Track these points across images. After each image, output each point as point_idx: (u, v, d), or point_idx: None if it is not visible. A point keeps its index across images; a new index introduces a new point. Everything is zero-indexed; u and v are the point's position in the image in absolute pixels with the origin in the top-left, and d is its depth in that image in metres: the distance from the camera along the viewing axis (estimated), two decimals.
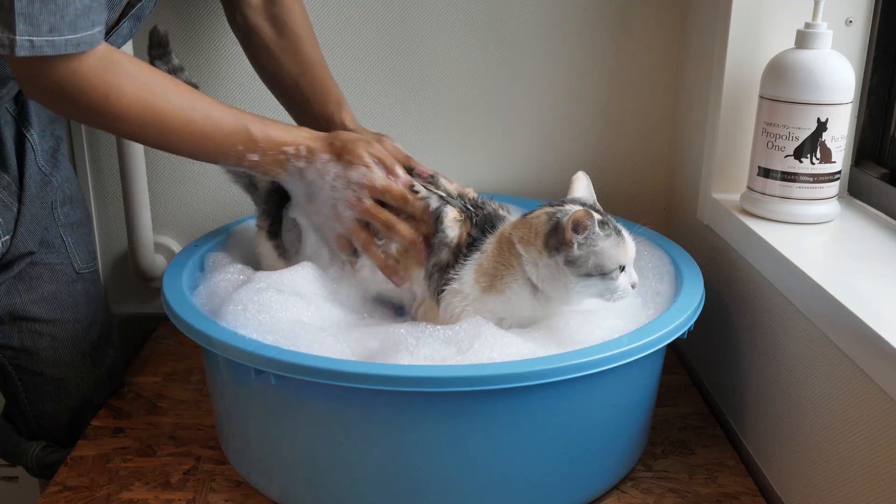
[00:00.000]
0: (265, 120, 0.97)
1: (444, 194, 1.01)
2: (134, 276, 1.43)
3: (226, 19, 1.19)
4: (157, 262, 1.42)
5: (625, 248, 0.92)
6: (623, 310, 0.97)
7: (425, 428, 0.86)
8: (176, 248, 1.43)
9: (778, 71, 1.04)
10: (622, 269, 0.92)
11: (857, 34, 1.11)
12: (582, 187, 0.99)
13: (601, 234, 0.91)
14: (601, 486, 0.98)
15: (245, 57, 1.20)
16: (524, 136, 1.39)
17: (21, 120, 1.07)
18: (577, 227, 0.90)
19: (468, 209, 0.99)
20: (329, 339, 0.90)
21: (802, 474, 0.93)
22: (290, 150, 0.96)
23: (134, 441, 1.09)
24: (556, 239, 0.91)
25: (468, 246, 0.97)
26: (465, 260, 0.96)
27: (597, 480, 0.97)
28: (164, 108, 0.90)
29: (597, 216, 0.91)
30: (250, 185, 1.12)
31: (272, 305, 0.93)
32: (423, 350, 0.88)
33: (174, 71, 1.13)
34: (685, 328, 0.94)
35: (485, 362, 0.86)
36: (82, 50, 0.82)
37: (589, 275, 0.91)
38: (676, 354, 1.31)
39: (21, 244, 1.06)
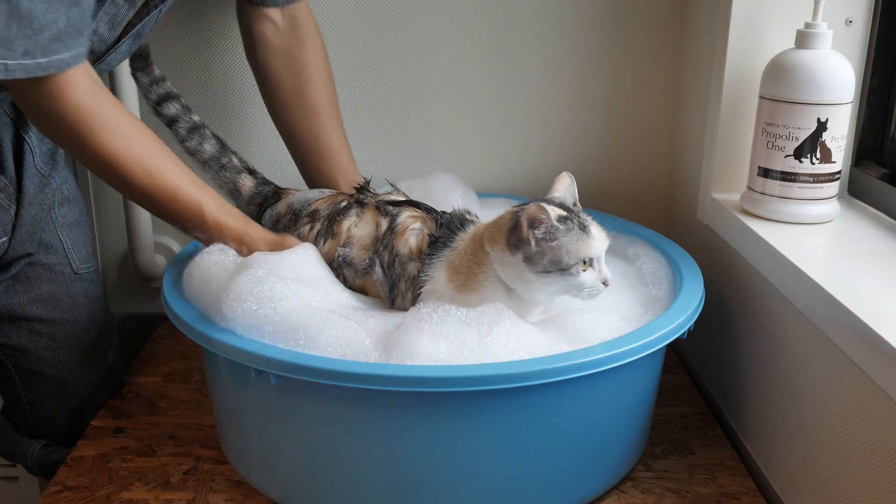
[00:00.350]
0: (223, 205, 0.99)
1: (397, 201, 1.02)
2: (134, 276, 1.43)
3: (225, 42, 1.21)
4: (157, 262, 1.42)
5: (587, 242, 0.90)
6: (639, 304, 0.98)
7: (425, 428, 0.86)
8: (176, 248, 1.43)
9: (778, 71, 1.04)
10: (588, 264, 0.91)
11: (857, 34, 1.11)
12: (563, 187, 0.98)
13: (561, 227, 0.89)
14: (601, 486, 0.98)
15: (242, 82, 1.20)
16: (524, 136, 1.39)
17: (20, 122, 1.07)
18: (533, 222, 0.89)
19: (432, 211, 1.00)
20: (338, 319, 0.89)
21: (802, 474, 0.93)
22: (233, 245, 0.99)
23: (134, 441, 1.09)
24: (516, 236, 0.91)
25: (432, 244, 0.97)
26: (430, 259, 0.96)
27: (597, 480, 0.97)
28: (129, 163, 0.91)
29: (555, 211, 0.90)
30: (234, 191, 1.12)
31: (274, 295, 0.91)
32: (444, 328, 0.87)
33: (156, 82, 1.11)
34: (685, 328, 0.94)
35: (499, 352, 0.86)
36: (50, 73, 0.84)
37: (547, 271, 0.90)
38: (676, 354, 1.31)
39: (19, 246, 1.06)
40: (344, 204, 1.03)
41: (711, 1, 1.18)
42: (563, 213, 0.91)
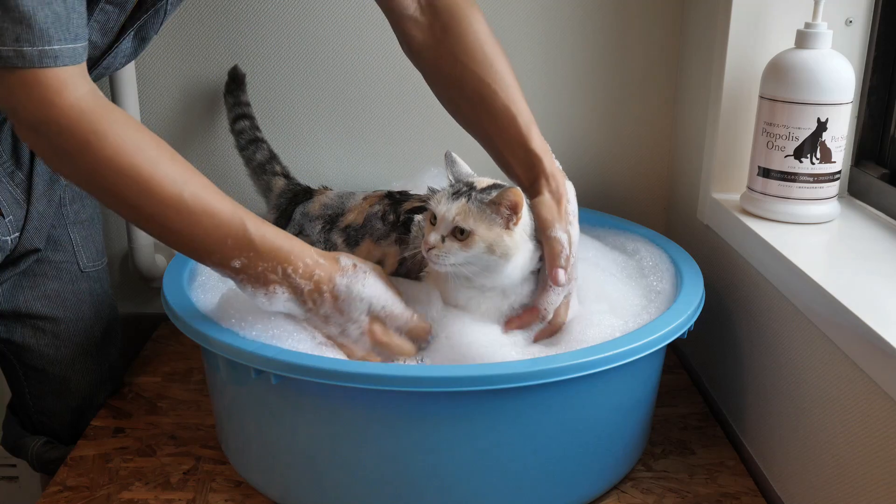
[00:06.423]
0: (264, 222, 0.86)
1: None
2: (134, 276, 1.43)
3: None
4: (157, 262, 1.42)
5: (434, 202, 0.96)
6: (627, 308, 0.99)
7: (425, 428, 0.86)
8: None
9: (778, 71, 1.04)
10: (435, 226, 0.93)
11: (857, 34, 1.11)
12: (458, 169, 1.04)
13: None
14: (601, 486, 0.98)
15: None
16: None
17: None
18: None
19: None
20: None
21: (802, 474, 0.93)
22: (290, 268, 0.85)
23: (134, 441, 1.09)
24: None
25: None
26: None
27: (597, 480, 0.97)
28: (151, 172, 0.78)
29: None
30: (266, 189, 1.18)
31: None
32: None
33: (238, 103, 1.23)
34: (685, 328, 0.94)
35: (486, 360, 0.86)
36: (60, 64, 0.74)
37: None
38: (676, 354, 1.31)
39: (28, 241, 1.06)
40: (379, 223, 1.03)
41: (711, 1, 1.18)
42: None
